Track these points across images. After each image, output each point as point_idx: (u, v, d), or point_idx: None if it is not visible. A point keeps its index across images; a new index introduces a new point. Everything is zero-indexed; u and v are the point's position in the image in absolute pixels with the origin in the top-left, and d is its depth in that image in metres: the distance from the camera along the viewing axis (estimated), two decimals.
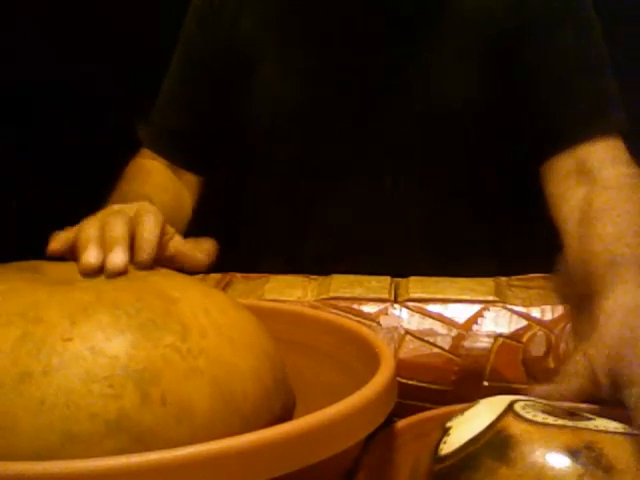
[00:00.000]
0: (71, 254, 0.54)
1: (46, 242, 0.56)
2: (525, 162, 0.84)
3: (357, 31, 0.87)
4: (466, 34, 0.85)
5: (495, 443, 0.44)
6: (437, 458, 0.46)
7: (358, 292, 0.70)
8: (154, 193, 0.83)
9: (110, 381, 0.41)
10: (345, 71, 0.87)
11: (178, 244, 0.58)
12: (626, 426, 0.45)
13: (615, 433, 0.44)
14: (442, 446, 0.46)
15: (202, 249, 0.59)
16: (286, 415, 0.50)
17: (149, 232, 0.54)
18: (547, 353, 0.64)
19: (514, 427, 0.44)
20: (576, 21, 0.83)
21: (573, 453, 0.42)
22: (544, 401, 0.48)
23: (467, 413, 0.48)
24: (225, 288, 0.74)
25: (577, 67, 0.82)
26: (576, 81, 0.81)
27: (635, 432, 0.44)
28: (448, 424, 0.48)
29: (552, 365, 0.63)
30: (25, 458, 0.38)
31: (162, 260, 0.56)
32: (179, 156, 0.95)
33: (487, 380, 0.63)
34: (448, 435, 0.47)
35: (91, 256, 0.51)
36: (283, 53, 0.90)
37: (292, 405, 0.53)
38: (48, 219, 0.60)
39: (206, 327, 0.46)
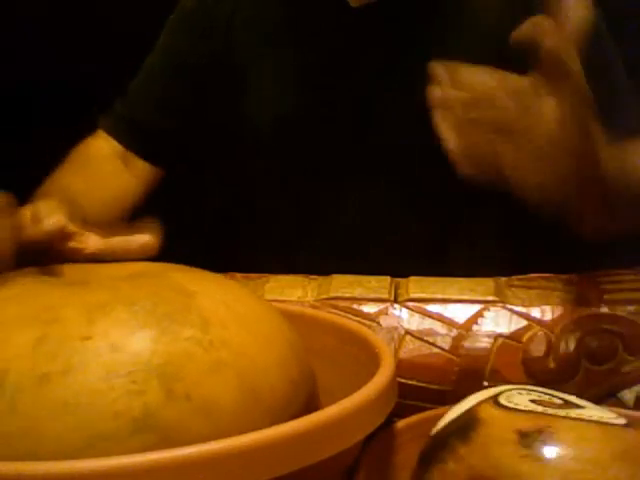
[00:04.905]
0: None
1: None
2: None
3: (354, 32, 0.87)
4: (467, 34, 0.84)
5: (463, 425, 0.46)
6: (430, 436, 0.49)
7: (358, 292, 0.70)
8: (83, 190, 0.84)
9: (133, 377, 0.40)
10: (343, 72, 0.87)
11: (99, 243, 0.57)
12: (620, 416, 0.45)
13: (589, 421, 0.44)
14: (433, 428, 0.49)
15: (141, 236, 0.57)
16: (312, 404, 0.49)
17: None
18: (547, 353, 0.64)
19: (484, 412, 0.46)
20: None
21: (522, 436, 0.43)
22: (541, 389, 0.49)
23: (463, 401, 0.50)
24: None
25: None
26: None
27: (619, 423, 0.44)
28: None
29: (552, 365, 0.63)
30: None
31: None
32: (138, 145, 0.95)
33: (487, 380, 0.63)
34: (443, 419, 0.49)
35: None
36: (278, 55, 0.90)
37: (317, 393, 0.53)
38: None
39: (226, 319, 0.45)
